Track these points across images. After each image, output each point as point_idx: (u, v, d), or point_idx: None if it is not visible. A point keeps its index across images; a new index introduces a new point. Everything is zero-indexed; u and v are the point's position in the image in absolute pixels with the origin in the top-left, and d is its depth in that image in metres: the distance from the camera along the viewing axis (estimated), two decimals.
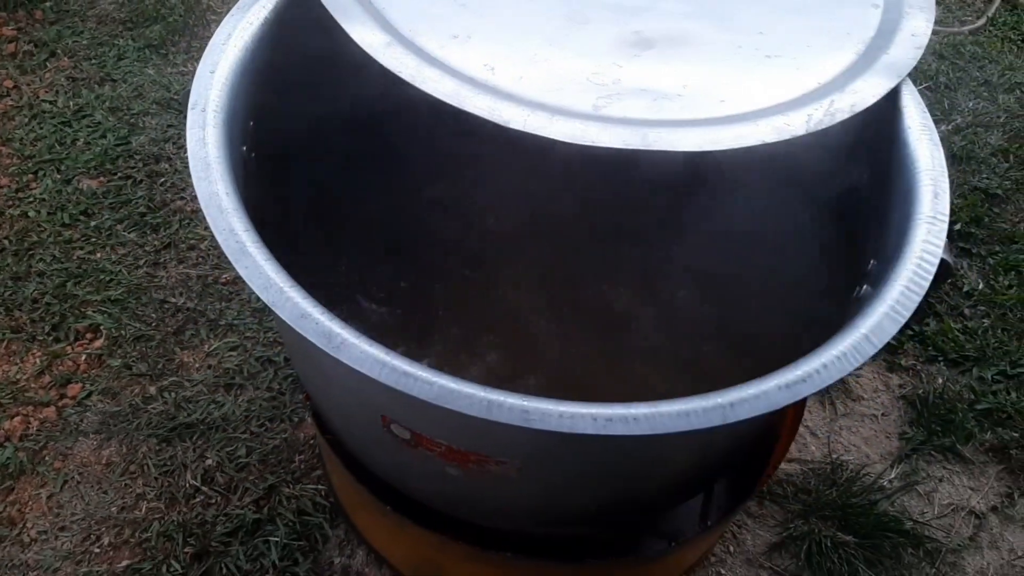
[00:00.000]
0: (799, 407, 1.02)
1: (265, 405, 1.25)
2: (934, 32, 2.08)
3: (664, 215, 1.04)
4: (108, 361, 1.29)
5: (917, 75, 1.85)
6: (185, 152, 0.61)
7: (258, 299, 0.60)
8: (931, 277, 0.67)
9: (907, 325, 0.65)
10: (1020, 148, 1.71)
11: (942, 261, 0.74)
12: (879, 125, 0.78)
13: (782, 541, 1.18)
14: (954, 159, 1.68)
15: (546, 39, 0.74)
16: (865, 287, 0.72)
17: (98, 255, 1.42)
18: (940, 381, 1.35)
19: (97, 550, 1.11)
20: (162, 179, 1.54)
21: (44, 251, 1.42)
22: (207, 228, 1.47)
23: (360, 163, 1.00)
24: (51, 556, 1.10)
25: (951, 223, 1.57)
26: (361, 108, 0.92)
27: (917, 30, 0.82)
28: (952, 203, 1.68)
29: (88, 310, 1.35)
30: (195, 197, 1.49)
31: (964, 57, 1.91)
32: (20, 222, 1.46)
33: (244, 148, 0.78)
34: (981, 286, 1.48)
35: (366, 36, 0.71)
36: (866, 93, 0.74)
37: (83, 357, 1.29)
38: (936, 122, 1.75)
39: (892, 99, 0.78)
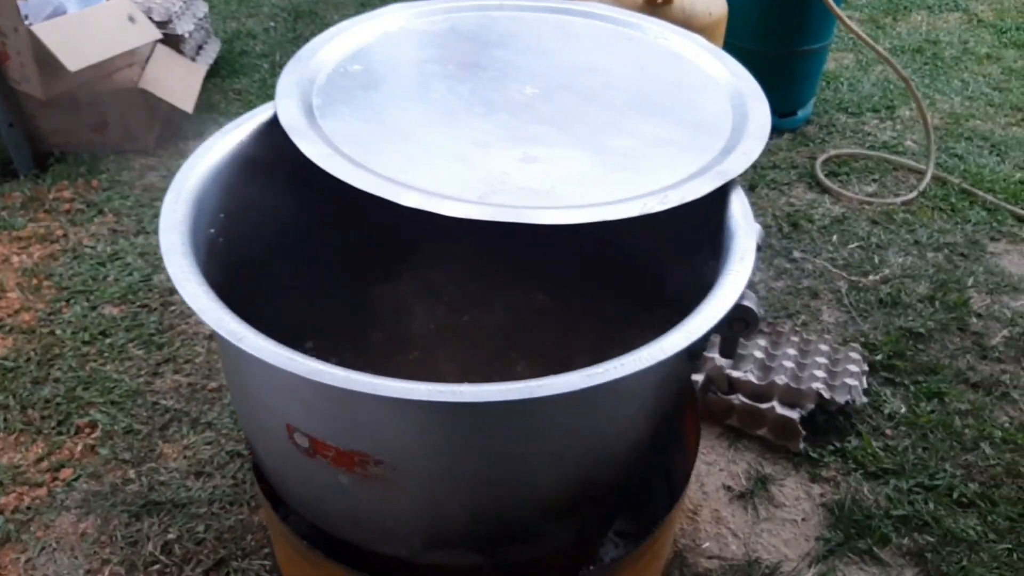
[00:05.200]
0: (684, 470, 1.13)
1: (228, 491, 1.39)
2: (868, 203, 2.30)
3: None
4: (99, 450, 1.45)
5: (849, 236, 2.07)
6: None
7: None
8: (721, 316, 0.83)
9: (695, 349, 0.81)
10: (946, 296, 1.87)
11: (747, 308, 0.91)
12: (716, 214, 0.99)
13: None
14: (881, 304, 1.85)
15: (453, 156, 0.97)
16: None
17: (108, 367, 1.63)
18: (857, 488, 1.43)
19: None
20: (172, 307, 1.78)
21: (63, 362, 1.64)
22: (203, 345, 1.69)
23: (304, 250, 1.20)
24: None
25: (874, 354, 1.72)
26: (306, 206, 1.15)
27: (748, 150, 1.04)
28: (876, 339, 1.84)
29: (91, 410, 1.54)
30: (199, 322, 1.72)
31: (896, 223, 2.13)
32: (47, 339, 1.69)
33: (212, 231, 1.01)
34: (903, 410, 1.59)
35: (312, 149, 0.95)
36: (696, 190, 0.95)
37: (79, 447, 1.46)
38: (864, 273, 1.95)
39: (723, 196, 0.99)
